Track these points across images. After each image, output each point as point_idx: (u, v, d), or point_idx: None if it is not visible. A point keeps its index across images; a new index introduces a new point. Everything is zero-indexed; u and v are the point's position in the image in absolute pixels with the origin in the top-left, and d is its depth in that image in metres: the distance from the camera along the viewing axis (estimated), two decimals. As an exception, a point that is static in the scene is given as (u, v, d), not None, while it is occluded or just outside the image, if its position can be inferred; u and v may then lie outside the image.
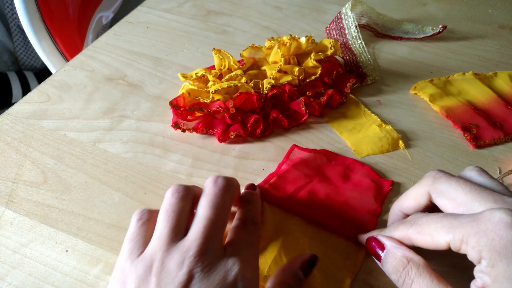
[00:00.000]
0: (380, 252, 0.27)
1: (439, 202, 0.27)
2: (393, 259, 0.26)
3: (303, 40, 0.45)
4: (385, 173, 0.38)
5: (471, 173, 0.28)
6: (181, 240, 0.25)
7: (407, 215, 0.29)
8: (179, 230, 0.26)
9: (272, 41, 0.45)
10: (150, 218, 0.28)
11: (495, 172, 0.39)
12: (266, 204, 0.34)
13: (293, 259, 0.29)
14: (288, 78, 0.43)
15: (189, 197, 0.28)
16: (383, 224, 0.34)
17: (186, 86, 0.44)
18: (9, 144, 0.40)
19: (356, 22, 0.52)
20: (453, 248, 0.24)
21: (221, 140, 0.40)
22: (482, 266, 0.22)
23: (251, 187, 0.33)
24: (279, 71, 0.44)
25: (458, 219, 0.24)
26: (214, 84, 0.42)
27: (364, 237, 0.31)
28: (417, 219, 0.26)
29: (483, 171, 0.28)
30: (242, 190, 0.33)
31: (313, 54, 0.44)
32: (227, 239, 0.27)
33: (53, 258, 0.32)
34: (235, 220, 0.29)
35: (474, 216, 0.23)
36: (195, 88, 0.42)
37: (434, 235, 0.24)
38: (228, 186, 0.28)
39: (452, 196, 0.26)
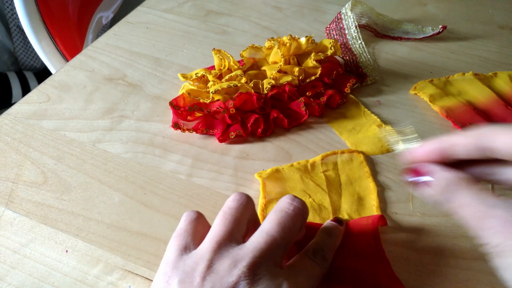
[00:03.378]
0: (426, 178, 0.26)
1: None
2: (443, 180, 0.25)
3: (303, 40, 0.45)
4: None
5: None
6: (236, 247, 0.25)
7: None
8: (235, 236, 0.25)
9: (272, 41, 0.45)
10: (199, 217, 0.27)
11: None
12: None
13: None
14: (288, 78, 0.43)
15: (250, 207, 0.27)
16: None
17: (186, 86, 0.44)
18: (9, 144, 0.40)
19: (356, 22, 0.52)
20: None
21: (221, 140, 0.40)
22: None
23: (337, 220, 0.31)
24: (279, 71, 0.44)
25: None
26: (214, 84, 0.42)
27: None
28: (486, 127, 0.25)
29: None
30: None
31: (313, 54, 0.44)
32: (289, 262, 0.27)
33: (53, 258, 0.32)
34: (307, 247, 0.28)
35: None
36: (195, 88, 0.42)
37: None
38: (303, 210, 0.27)
39: None
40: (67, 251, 0.32)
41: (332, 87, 0.45)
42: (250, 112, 0.42)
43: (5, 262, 0.31)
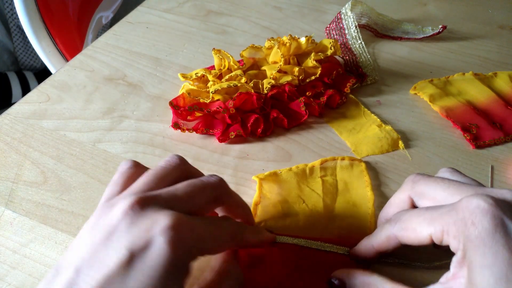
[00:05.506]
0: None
1: (421, 204, 0.27)
2: None
3: (303, 40, 0.45)
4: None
5: (445, 174, 0.29)
6: None
7: None
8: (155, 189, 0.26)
9: (272, 41, 0.45)
10: (132, 167, 0.29)
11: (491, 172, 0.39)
12: None
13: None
14: (288, 78, 0.43)
15: (180, 168, 0.29)
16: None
17: (186, 86, 0.44)
18: (9, 144, 0.40)
19: (356, 22, 0.52)
20: (436, 240, 0.24)
21: (221, 140, 0.40)
22: (457, 256, 0.23)
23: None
24: (279, 71, 0.44)
25: (438, 210, 0.24)
26: (214, 84, 0.42)
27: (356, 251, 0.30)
28: (400, 216, 0.26)
29: (456, 170, 0.29)
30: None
31: (313, 54, 0.44)
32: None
33: (53, 258, 0.32)
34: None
35: (453, 205, 0.24)
36: (195, 88, 0.42)
37: (417, 229, 0.25)
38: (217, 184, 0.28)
39: (432, 195, 0.26)
40: (67, 251, 0.32)
41: (332, 87, 0.45)
42: (250, 112, 0.42)
43: (5, 262, 0.31)
